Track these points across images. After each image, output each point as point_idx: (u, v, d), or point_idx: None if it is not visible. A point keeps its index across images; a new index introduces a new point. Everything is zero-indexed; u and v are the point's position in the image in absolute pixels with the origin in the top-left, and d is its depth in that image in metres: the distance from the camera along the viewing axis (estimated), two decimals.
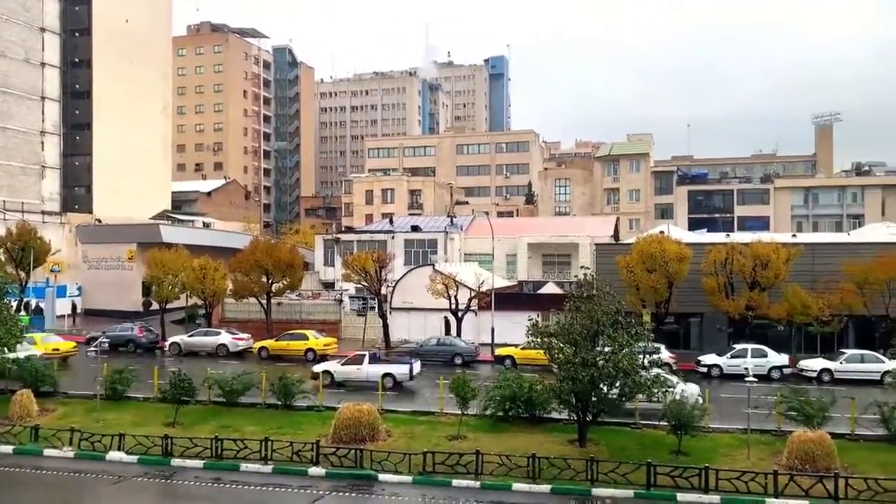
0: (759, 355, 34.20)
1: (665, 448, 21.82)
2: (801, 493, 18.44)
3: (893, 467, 20.11)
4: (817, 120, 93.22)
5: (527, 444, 21.80)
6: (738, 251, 37.29)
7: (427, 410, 26.32)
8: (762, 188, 77.83)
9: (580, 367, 21.07)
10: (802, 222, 74.69)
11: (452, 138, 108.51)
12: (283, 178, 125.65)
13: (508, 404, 24.37)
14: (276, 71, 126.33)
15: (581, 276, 23.67)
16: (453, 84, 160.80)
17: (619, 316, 22.02)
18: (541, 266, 59.75)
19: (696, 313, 40.40)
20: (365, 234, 60.92)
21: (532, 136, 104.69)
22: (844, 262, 36.34)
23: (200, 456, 21.88)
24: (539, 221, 72.10)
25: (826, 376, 32.97)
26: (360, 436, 22.46)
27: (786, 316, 36.35)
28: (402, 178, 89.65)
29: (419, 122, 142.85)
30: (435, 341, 39.22)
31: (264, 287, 44.27)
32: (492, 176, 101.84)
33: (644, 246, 38.06)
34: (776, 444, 21.86)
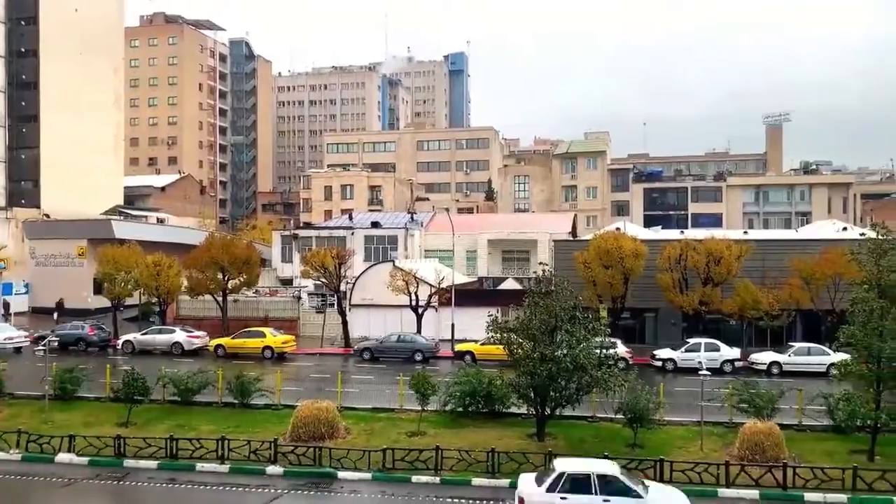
0: (711, 349, 35.03)
1: (622, 441, 22.21)
2: (751, 482, 18.98)
3: (839, 456, 20.86)
4: (768, 120, 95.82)
5: (486, 439, 21.94)
6: (691, 248, 38.12)
7: (387, 407, 26.24)
8: (715, 186, 79.72)
9: (539, 361, 21.29)
10: (753, 219, 76.78)
11: (413, 134, 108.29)
12: (240, 173, 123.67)
13: (468, 400, 24.48)
14: (233, 64, 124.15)
15: (540, 272, 23.91)
16: (413, 80, 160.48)
17: (576, 311, 22.32)
18: (500, 262, 60.09)
19: (651, 308, 41.17)
20: (324, 230, 60.35)
21: (492, 132, 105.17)
22: (793, 259, 37.48)
23: (155, 456, 21.43)
24: (499, 218, 72.48)
25: (775, 369, 33.97)
26: (318, 434, 22.28)
27: (737, 311, 37.32)
28: (361, 174, 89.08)
29: (379, 117, 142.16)
30: (395, 338, 39.13)
31: (220, 284, 43.56)
32: (452, 172, 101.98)
33: (601, 242, 38.61)
34: (728, 435, 22.44)
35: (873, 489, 18.53)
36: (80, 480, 20.13)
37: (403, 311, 42.14)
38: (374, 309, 44.76)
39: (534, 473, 17.61)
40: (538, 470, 18.16)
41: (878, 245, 21.05)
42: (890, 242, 21.07)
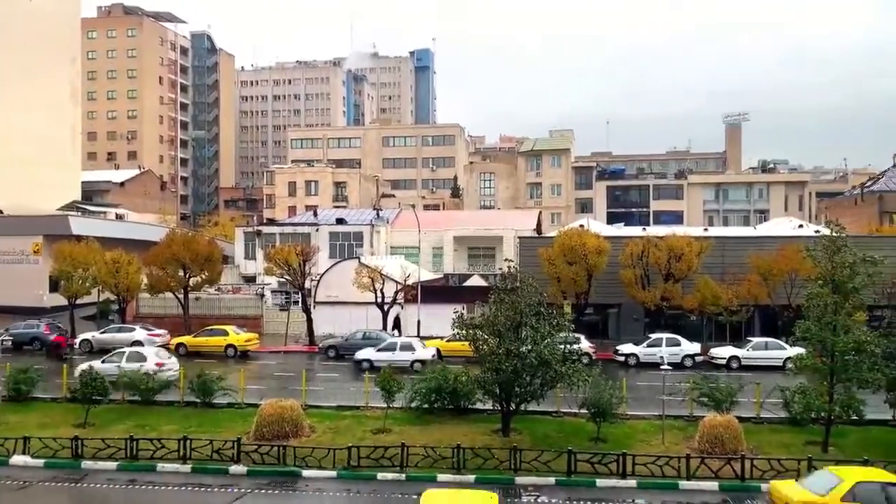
0: (673, 344, 35.66)
1: (585, 435, 22.47)
2: (710, 474, 19.40)
3: (794, 447, 21.45)
4: (727, 119, 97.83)
5: (452, 436, 22.00)
6: (653, 244, 38.73)
7: (352, 405, 26.14)
8: (676, 184, 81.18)
9: (504, 357, 21.41)
10: (713, 216, 78.36)
11: (378, 130, 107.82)
12: (202, 169, 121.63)
13: (434, 396, 24.51)
14: (194, 57, 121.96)
15: (505, 269, 24.05)
16: (378, 76, 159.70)
17: (541, 307, 22.50)
18: (466, 259, 60.27)
19: (614, 304, 41.73)
20: (288, 227, 59.81)
21: (457, 129, 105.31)
22: (751, 255, 38.36)
23: (114, 457, 21.00)
24: (465, 215, 72.67)
25: (734, 363, 34.73)
26: (283, 432, 22.10)
27: (698, 306, 38.06)
28: (326, 170, 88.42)
29: (344, 113, 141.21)
30: (361, 335, 38.93)
31: (181, 281, 42.82)
32: (418, 169, 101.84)
33: (565, 239, 38.98)
34: (689, 428, 22.88)
35: None
36: (36, 483, 19.62)
37: (369, 309, 41.99)
38: (339, 306, 44.47)
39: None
40: None
41: (832, 242, 21.63)
42: (843, 240, 21.67)
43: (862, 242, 30.00)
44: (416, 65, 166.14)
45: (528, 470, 19.71)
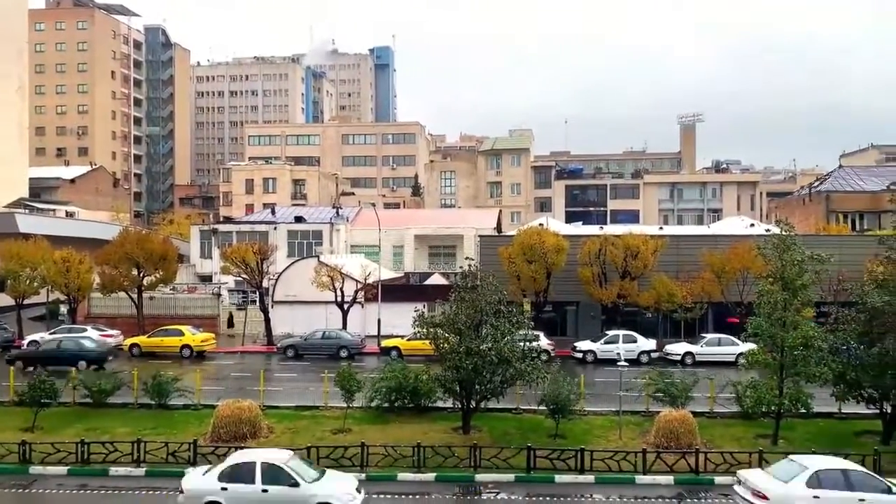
0: (629, 341, 36.28)
1: (544, 432, 22.69)
2: (666, 469, 19.79)
3: (746, 441, 22.04)
4: (682, 120, 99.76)
5: (412, 434, 21.98)
6: (610, 243, 39.32)
7: (311, 405, 25.91)
8: (633, 183, 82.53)
9: (465, 355, 21.47)
10: (668, 215, 79.90)
11: (338, 128, 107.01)
12: (156, 166, 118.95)
13: (394, 395, 24.47)
14: (148, 52, 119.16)
15: (466, 267, 24.13)
16: (338, 73, 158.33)
17: (501, 305, 22.62)
18: (427, 257, 60.29)
19: (572, 302, 42.22)
20: (245, 225, 58.97)
21: (418, 127, 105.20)
22: (704, 253, 39.23)
23: (64, 462, 20.37)
24: (425, 213, 72.66)
25: (689, 359, 35.51)
26: (240, 433, 21.77)
27: (653, 303, 38.79)
28: (284, 167, 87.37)
29: (302, 109, 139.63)
30: (320, 334, 38.65)
31: (135, 280, 41.85)
32: (378, 167, 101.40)
33: (525, 238, 39.31)
34: (645, 424, 23.30)
35: None
36: None
37: (329, 308, 41.69)
38: (298, 305, 44.05)
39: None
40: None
41: (781, 240, 22.24)
42: (792, 238, 22.31)
43: (810, 241, 30.94)
44: (376, 62, 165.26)
45: (488, 467, 19.82)
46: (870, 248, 32.81)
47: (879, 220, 50.05)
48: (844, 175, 60.05)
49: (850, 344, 22.32)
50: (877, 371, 21.53)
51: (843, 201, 54.09)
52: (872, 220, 51.94)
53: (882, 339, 21.29)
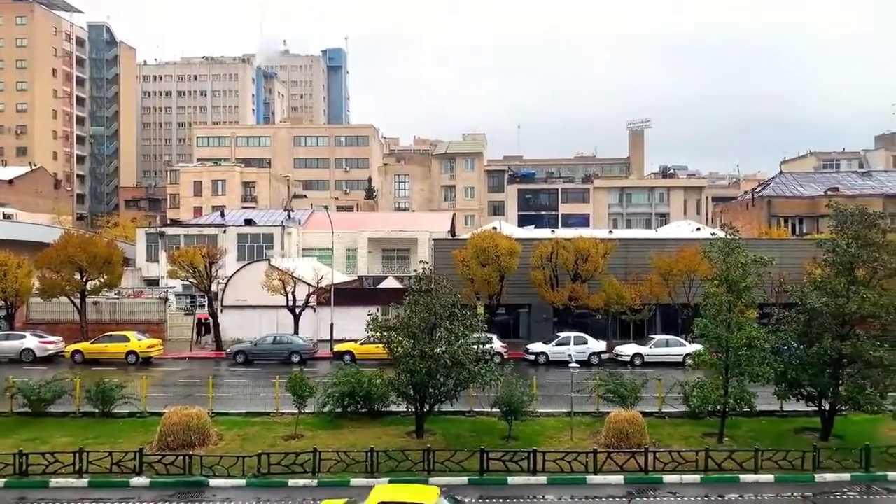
0: (580, 342, 36.84)
1: (497, 434, 22.82)
2: (616, 468, 20.13)
3: (693, 439, 22.59)
4: (631, 125, 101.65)
5: (365, 439, 21.84)
6: (561, 246, 39.86)
7: (262, 411, 25.49)
8: (583, 188, 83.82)
9: (419, 359, 21.44)
10: (618, 219, 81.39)
11: (289, 129, 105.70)
12: (100, 167, 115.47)
13: (347, 400, 24.26)
14: (92, 49, 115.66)
15: (420, 271, 24.11)
16: (289, 74, 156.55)
17: (455, 308, 22.66)
18: (381, 261, 60.02)
19: (524, 304, 42.62)
20: (193, 228, 57.69)
21: (371, 130, 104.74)
22: (652, 256, 40.11)
23: (1, 474, 19.55)
24: (379, 216, 72.34)
25: (638, 360, 36.23)
26: (188, 441, 21.26)
27: (603, 305, 39.45)
28: (234, 169, 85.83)
29: (253, 111, 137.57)
30: (271, 339, 38.10)
31: (78, 285, 40.47)
32: (331, 169, 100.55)
33: (478, 241, 39.52)
34: (595, 424, 23.65)
35: (722, 468, 20.20)
36: None
37: (280, 312, 41.14)
38: (248, 310, 43.33)
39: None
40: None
41: (726, 244, 22.89)
42: (736, 242, 22.99)
43: (753, 244, 31.98)
44: (328, 64, 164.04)
45: (441, 470, 19.82)
46: (809, 251, 34.08)
47: (817, 224, 51.97)
48: (785, 181, 62.22)
49: (791, 344, 23.12)
50: (815, 370, 22.33)
51: (783, 206, 55.99)
52: (811, 224, 53.91)
53: (820, 339, 22.07)
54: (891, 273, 22.20)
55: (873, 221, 22.27)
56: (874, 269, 21.92)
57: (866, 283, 22.01)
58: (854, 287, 21.86)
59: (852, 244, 21.99)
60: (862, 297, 21.47)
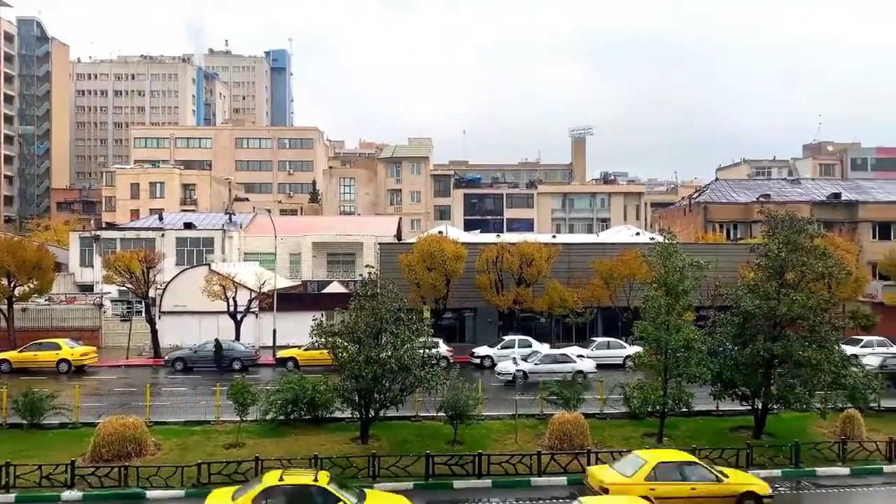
0: (524, 345, 37.24)
1: (443, 438, 22.85)
2: (560, 470, 20.43)
3: (634, 440, 23.10)
4: (573, 133, 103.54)
5: (309, 446, 21.56)
6: (507, 250, 40.30)
7: (202, 420, 24.85)
8: (527, 193, 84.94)
9: (364, 364, 21.29)
10: (561, 224, 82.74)
11: (231, 131, 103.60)
12: (30, 167, 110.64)
13: (291, 407, 23.89)
14: (21, 45, 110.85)
15: (365, 275, 23.96)
16: (231, 75, 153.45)
17: (401, 313, 22.60)
18: (326, 265, 59.40)
19: (470, 308, 42.90)
20: (130, 231, 55.90)
21: (316, 132, 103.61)
22: (594, 261, 40.96)
23: None
24: (324, 220, 71.56)
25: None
26: (124, 452, 20.56)
27: (547, 309, 40.04)
28: (173, 171, 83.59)
29: (193, 112, 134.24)
30: (211, 346, 37.21)
31: (5, 291, 38.66)
32: (274, 172, 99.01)
33: (425, 245, 39.59)
34: (540, 426, 23.94)
35: None
36: None
37: (221, 318, 40.27)
38: (187, 316, 42.29)
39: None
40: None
41: (664, 248, 23.56)
42: (674, 246, 23.68)
43: (690, 249, 32.89)
44: (271, 65, 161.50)
45: (387, 476, 19.72)
46: (743, 255, 35.42)
47: (751, 229, 53.92)
48: (720, 188, 64.38)
49: (726, 345, 23.93)
50: (749, 370, 23.17)
51: (718, 212, 57.90)
52: (745, 229, 55.89)
53: (753, 341, 22.90)
54: (818, 276, 23.23)
55: (802, 227, 23.25)
56: (802, 273, 22.89)
57: (795, 286, 22.95)
58: (784, 290, 22.77)
59: (783, 249, 22.91)
60: (791, 299, 22.39)
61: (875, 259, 49.49)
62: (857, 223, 53.79)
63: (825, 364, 21.99)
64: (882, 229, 53.93)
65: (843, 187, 62.49)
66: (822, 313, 22.81)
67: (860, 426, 23.46)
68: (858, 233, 53.02)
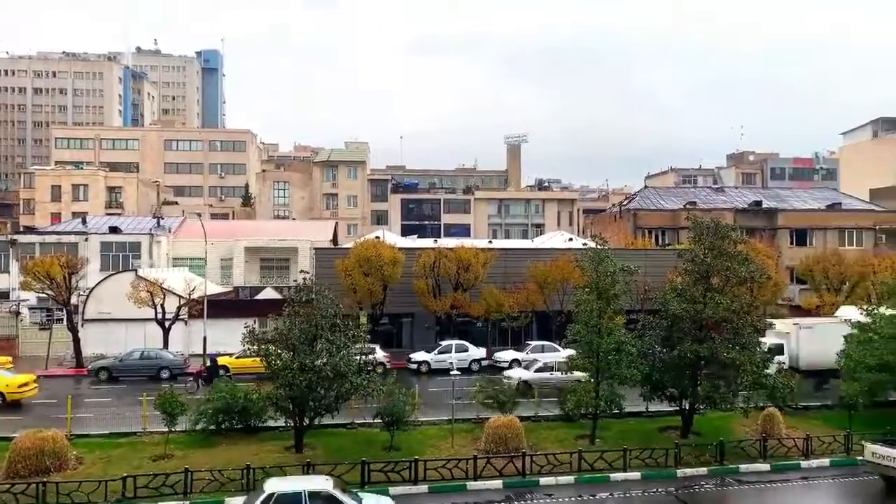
0: (461, 350, 37.46)
1: (379, 445, 22.72)
2: (496, 473, 20.60)
3: (567, 442, 23.53)
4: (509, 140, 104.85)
5: (242, 456, 21.04)
6: (444, 256, 40.41)
7: (128, 431, 23.95)
8: (464, 198, 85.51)
9: (298, 372, 20.96)
10: (497, 229, 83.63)
11: (160, 132, 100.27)
12: None
13: (221, 416, 23.30)
14: None
15: (300, 281, 23.60)
16: (161, 74, 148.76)
17: (337, 319, 22.38)
18: (259, 271, 58.18)
19: (408, 313, 42.77)
20: (50, 236, 53.39)
21: (249, 135, 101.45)
22: (529, 266, 41.53)
23: None
24: (257, 224, 70.09)
25: (516, 365, 37.26)
26: (43, 466, 19.58)
27: (484, 313, 40.36)
28: (98, 173, 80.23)
29: (120, 112, 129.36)
30: (138, 354, 35.92)
31: None
32: (205, 175, 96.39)
33: (361, 251, 39.28)
34: (476, 430, 24.10)
35: (594, 468, 21.20)
36: None
37: (148, 325, 38.92)
38: (113, 323, 40.66)
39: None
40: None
41: (596, 254, 24.15)
42: (605, 252, 24.30)
43: (621, 254, 33.80)
44: (203, 66, 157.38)
45: None
46: (671, 260, 36.46)
47: (678, 235, 55.77)
48: (649, 195, 66.42)
49: (655, 348, 24.70)
50: (677, 372, 23.97)
51: (648, 218, 59.67)
52: (672, 235, 57.77)
53: (681, 343, 23.71)
54: (741, 280, 24.27)
55: (726, 233, 24.23)
56: (727, 277, 23.85)
57: (720, 289, 23.90)
58: (710, 294, 23.67)
59: (708, 254, 23.83)
60: (716, 302, 23.29)
61: (792, 264, 51.96)
62: (776, 230, 56.40)
63: (748, 365, 22.97)
64: (799, 236, 56.70)
65: (764, 195, 65.42)
66: (745, 316, 23.82)
67: (780, 424, 24.57)
68: (777, 239, 55.57)
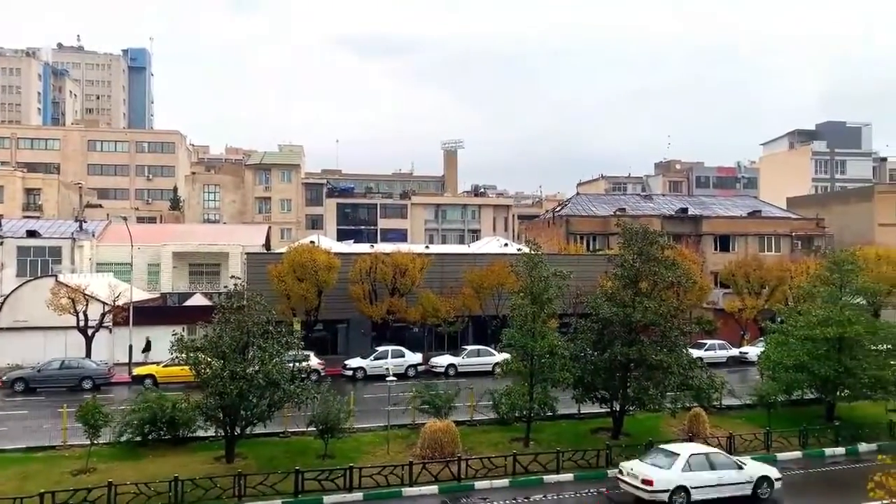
0: (397, 356, 37.35)
1: (313, 453, 22.38)
2: (431, 479, 20.60)
3: (502, 445, 23.74)
4: (446, 146, 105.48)
5: (169, 468, 20.35)
6: (380, 261, 40.26)
7: (46, 445, 22.81)
8: (401, 203, 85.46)
9: (229, 380, 20.45)
10: (434, 235, 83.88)
11: (83, 132, 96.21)
12: None
13: (148, 427, 22.50)
14: None
15: (231, 287, 23.05)
16: (84, 72, 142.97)
17: (269, 326, 21.96)
18: (188, 276, 56.47)
19: (343, 319, 42.39)
20: None
21: (178, 136, 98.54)
22: (465, 271, 41.84)
23: None
24: (186, 228, 68.00)
25: (452, 370, 37.45)
26: None
27: (420, 318, 40.40)
28: (14, 174, 76.24)
29: (39, 110, 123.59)
30: (58, 364, 34.30)
31: None
32: (131, 177, 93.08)
33: (295, 255, 38.71)
34: (412, 436, 24.04)
35: (528, 471, 21.47)
36: None
37: (70, 334, 37.26)
38: (30, 332, 38.76)
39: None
40: None
41: (530, 259, 24.54)
42: (539, 257, 24.72)
43: (554, 259, 34.49)
44: (130, 65, 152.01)
45: (253, 495, 18.99)
46: (601, 265, 37.55)
47: (608, 241, 57.12)
48: (581, 201, 67.89)
49: (587, 351, 25.26)
50: (607, 374, 24.58)
51: (579, 224, 60.93)
52: (603, 241, 59.12)
53: (611, 346, 24.32)
54: (668, 285, 25.11)
55: (654, 239, 25.03)
56: (655, 282, 24.63)
57: (648, 294, 24.66)
58: (638, 298, 24.39)
59: (637, 259, 24.56)
60: (645, 306, 24.02)
61: (716, 269, 54.04)
62: (701, 236, 58.54)
63: (675, 366, 23.78)
64: (722, 242, 59.01)
65: (690, 203, 67.88)
66: (672, 319, 24.66)
67: (705, 423, 25.47)
68: (702, 245, 57.68)
